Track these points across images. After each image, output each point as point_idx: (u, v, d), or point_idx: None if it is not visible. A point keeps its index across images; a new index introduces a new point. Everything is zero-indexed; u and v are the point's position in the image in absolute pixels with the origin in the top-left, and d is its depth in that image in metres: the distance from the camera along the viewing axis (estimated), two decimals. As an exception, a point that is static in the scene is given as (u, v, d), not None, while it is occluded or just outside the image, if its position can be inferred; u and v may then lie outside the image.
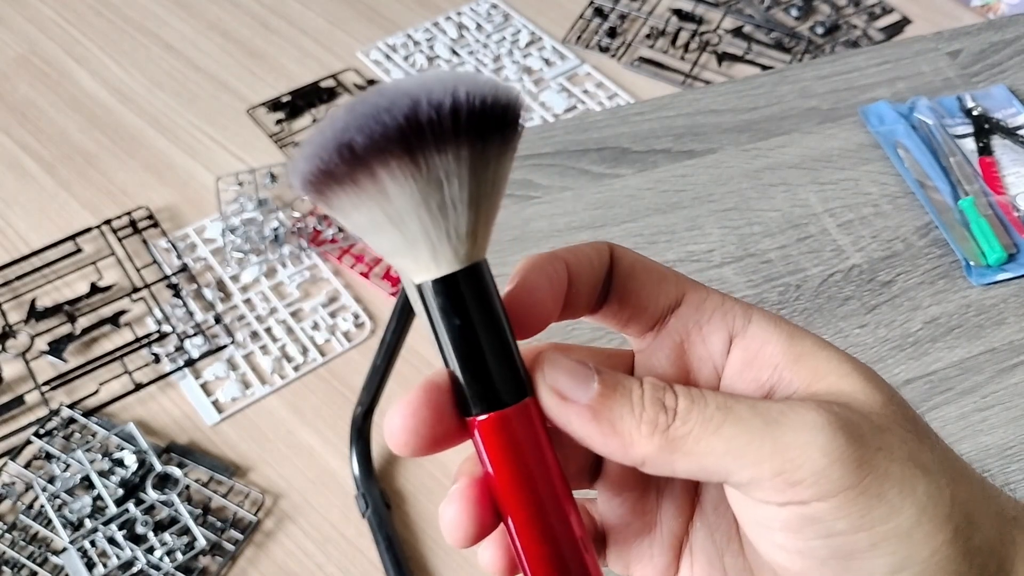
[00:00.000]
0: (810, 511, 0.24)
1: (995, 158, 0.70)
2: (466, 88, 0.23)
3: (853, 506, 0.24)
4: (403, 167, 0.23)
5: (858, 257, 0.64)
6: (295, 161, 0.24)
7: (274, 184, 1.38)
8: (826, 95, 0.74)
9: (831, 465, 0.23)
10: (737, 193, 0.67)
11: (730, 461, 0.24)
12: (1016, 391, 0.58)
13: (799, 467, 0.24)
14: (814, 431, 0.24)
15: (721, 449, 0.24)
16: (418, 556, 1.06)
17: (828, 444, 0.24)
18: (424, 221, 0.23)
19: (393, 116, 0.22)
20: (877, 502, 0.24)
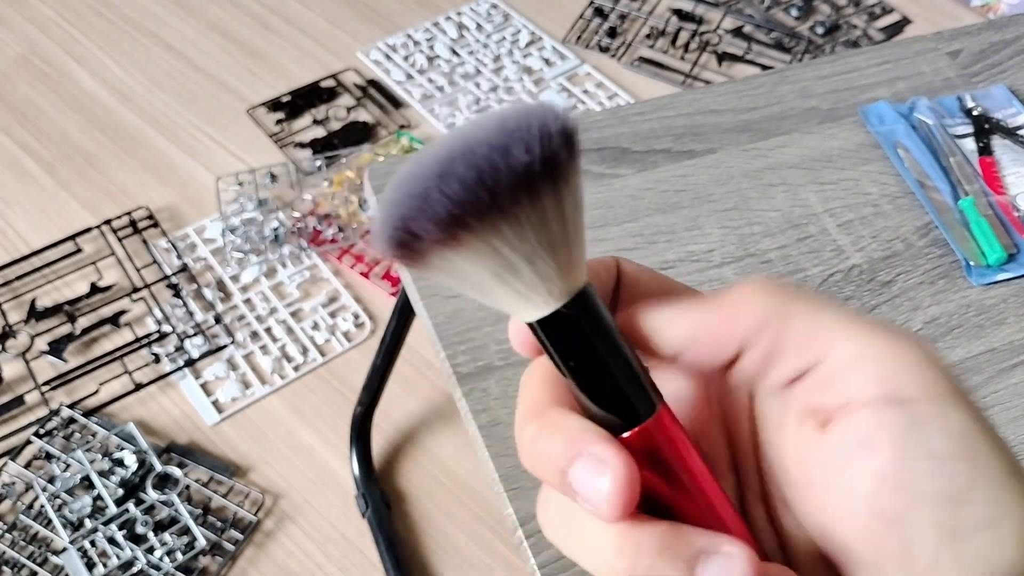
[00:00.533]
0: (912, 412, 0.23)
1: (995, 158, 0.70)
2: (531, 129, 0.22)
3: (952, 417, 0.23)
4: (490, 229, 0.22)
5: (858, 257, 0.64)
6: (379, 223, 0.23)
7: (274, 184, 1.38)
8: (826, 95, 0.74)
9: (929, 364, 0.23)
10: (737, 193, 0.67)
11: (842, 328, 0.24)
12: (1016, 391, 0.58)
13: (906, 352, 0.23)
14: (911, 339, 0.24)
15: (833, 317, 0.24)
16: (418, 556, 1.05)
17: (927, 350, 0.24)
18: (518, 271, 0.23)
19: (474, 179, 0.22)
20: (974, 424, 0.23)
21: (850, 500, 0.23)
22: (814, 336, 0.24)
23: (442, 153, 0.22)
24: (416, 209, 0.22)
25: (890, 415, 0.23)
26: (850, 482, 0.23)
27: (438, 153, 0.23)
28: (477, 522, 1.08)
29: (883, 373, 0.23)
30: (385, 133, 1.48)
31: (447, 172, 0.22)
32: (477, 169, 0.22)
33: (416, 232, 0.22)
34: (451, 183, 0.22)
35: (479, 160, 0.22)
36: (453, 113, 1.50)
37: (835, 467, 0.24)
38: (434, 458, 1.13)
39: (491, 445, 0.54)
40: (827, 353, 0.24)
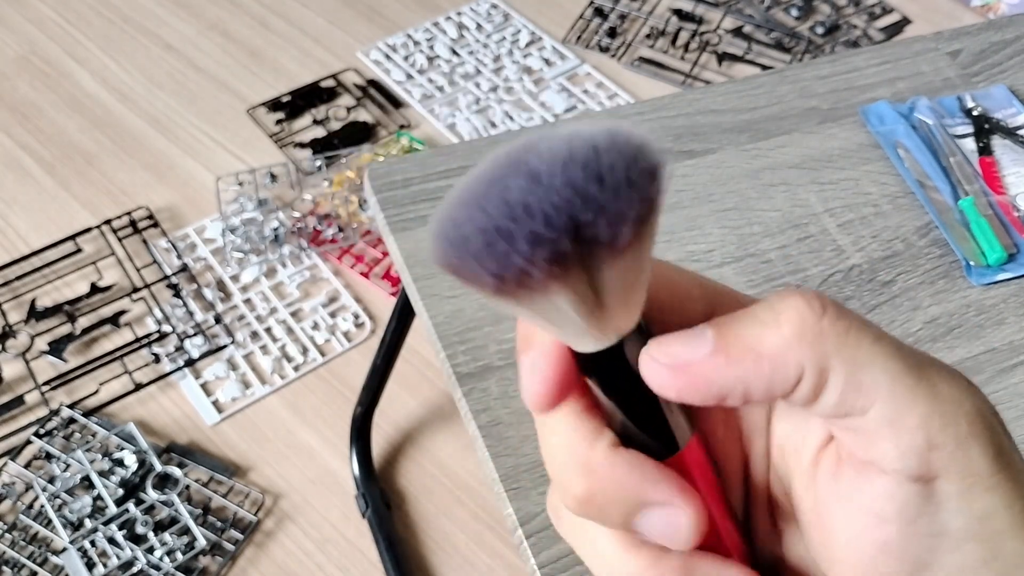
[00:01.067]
0: (931, 491, 0.21)
1: (995, 158, 0.70)
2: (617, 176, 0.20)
3: (978, 500, 0.21)
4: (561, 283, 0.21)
5: (858, 257, 0.64)
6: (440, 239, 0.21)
7: (274, 184, 1.38)
8: (826, 95, 0.74)
9: (972, 439, 0.21)
10: (737, 193, 0.67)
11: (886, 382, 0.21)
12: (1016, 391, 0.58)
13: (947, 426, 0.21)
14: (965, 393, 0.22)
15: (879, 364, 0.21)
16: (418, 556, 1.05)
17: (974, 414, 0.22)
18: (580, 315, 0.22)
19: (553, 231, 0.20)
20: (1004, 509, 0.22)
21: (852, 553, 0.23)
22: (857, 384, 0.22)
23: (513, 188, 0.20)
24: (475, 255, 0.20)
25: (908, 490, 0.22)
26: (855, 539, 0.23)
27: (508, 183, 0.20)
28: (477, 522, 1.08)
29: (915, 447, 0.21)
30: (385, 133, 1.48)
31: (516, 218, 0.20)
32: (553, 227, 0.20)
33: (472, 275, 0.21)
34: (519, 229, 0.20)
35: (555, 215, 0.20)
36: (453, 113, 1.50)
37: (843, 518, 0.23)
38: (434, 458, 1.13)
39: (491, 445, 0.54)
40: (865, 408, 0.22)
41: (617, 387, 0.24)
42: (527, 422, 0.55)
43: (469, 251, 0.20)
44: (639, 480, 0.23)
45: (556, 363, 0.23)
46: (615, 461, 0.23)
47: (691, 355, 0.22)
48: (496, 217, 0.20)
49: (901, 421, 0.22)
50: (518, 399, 0.56)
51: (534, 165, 0.20)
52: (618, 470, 0.23)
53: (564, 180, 0.20)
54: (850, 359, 0.22)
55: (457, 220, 0.21)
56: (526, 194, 0.20)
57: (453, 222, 0.21)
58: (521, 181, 0.20)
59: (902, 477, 0.22)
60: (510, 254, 0.20)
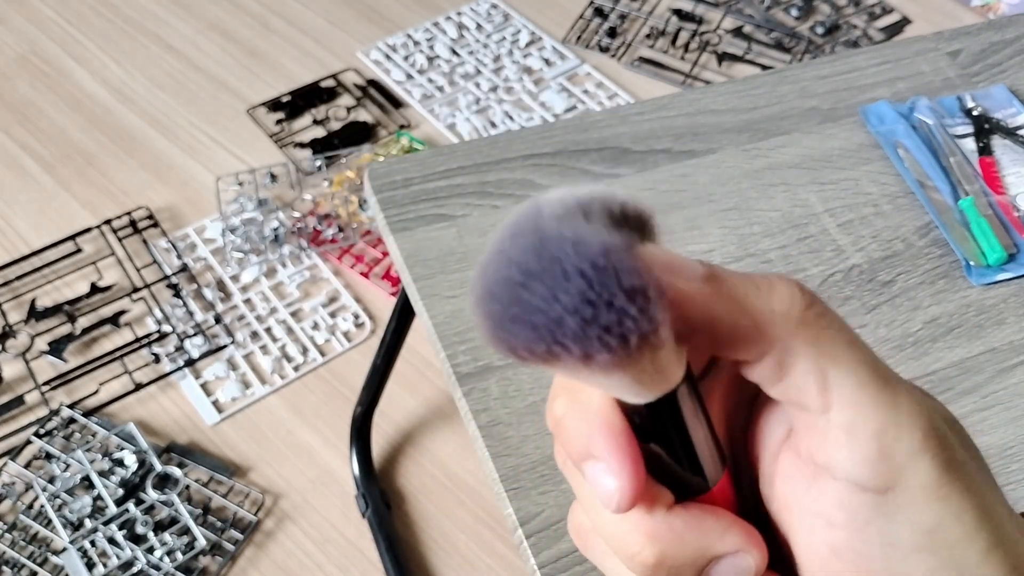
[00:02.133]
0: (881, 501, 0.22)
1: (995, 158, 0.70)
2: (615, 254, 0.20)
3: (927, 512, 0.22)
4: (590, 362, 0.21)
5: (858, 257, 0.64)
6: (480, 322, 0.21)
7: (274, 184, 1.38)
8: (826, 95, 0.74)
9: (923, 452, 0.22)
10: (737, 193, 0.67)
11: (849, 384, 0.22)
12: (1016, 391, 0.58)
13: (900, 437, 0.22)
14: (922, 409, 0.22)
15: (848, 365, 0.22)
16: (418, 556, 1.06)
17: (929, 428, 0.22)
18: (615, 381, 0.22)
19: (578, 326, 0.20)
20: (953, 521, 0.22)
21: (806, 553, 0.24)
22: (823, 379, 0.22)
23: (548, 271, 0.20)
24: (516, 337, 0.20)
25: (857, 500, 0.22)
26: (808, 539, 0.24)
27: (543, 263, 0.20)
28: (477, 522, 1.08)
29: (868, 456, 0.22)
30: (385, 133, 1.48)
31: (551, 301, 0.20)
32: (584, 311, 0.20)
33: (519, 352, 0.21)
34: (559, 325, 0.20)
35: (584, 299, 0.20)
36: (453, 113, 1.50)
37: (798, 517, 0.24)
38: (434, 458, 1.13)
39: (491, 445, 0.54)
40: (827, 407, 0.22)
41: (667, 433, 0.24)
42: (527, 422, 0.55)
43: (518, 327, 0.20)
44: (708, 537, 0.23)
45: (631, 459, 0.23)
46: (678, 524, 0.23)
47: (683, 270, 0.22)
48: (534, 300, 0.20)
49: (858, 428, 0.22)
50: (518, 399, 0.56)
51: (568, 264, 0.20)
52: (684, 532, 0.23)
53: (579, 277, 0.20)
54: (822, 353, 0.22)
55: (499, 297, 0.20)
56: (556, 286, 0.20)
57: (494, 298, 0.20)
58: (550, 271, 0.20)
59: (852, 487, 0.22)
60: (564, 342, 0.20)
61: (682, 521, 0.23)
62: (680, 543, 0.23)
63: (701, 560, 0.24)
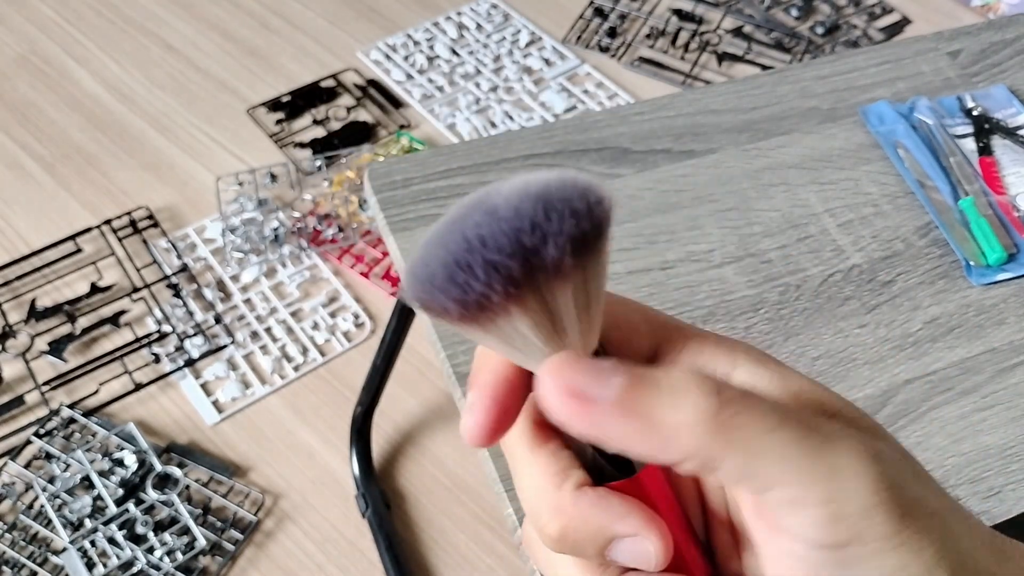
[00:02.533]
0: (841, 556, 0.22)
1: (995, 158, 0.70)
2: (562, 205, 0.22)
3: (887, 560, 0.22)
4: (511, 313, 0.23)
5: (858, 257, 0.64)
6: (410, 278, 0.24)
7: (274, 184, 1.38)
8: (826, 95, 0.74)
9: (875, 508, 0.22)
10: (737, 193, 0.67)
11: (782, 470, 0.22)
12: (1016, 391, 0.58)
13: (848, 500, 0.22)
14: (866, 462, 0.22)
15: (775, 453, 0.22)
16: (418, 556, 1.06)
17: (877, 481, 0.22)
18: (540, 339, 0.24)
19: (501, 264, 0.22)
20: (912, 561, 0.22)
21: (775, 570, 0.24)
22: (753, 472, 0.22)
23: (471, 224, 0.23)
24: (440, 288, 0.23)
25: (816, 556, 0.23)
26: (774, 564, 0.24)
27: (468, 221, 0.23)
28: (477, 522, 1.08)
29: (819, 522, 0.22)
30: (385, 133, 1.48)
31: (472, 249, 0.22)
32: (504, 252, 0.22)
33: (439, 307, 0.23)
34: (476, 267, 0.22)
35: (506, 242, 0.22)
36: (453, 113, 1.50)
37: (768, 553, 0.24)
38: (434, 458, 1.13)
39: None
40: (765, 489, 0.22)
41: None
42: (527, 422, 0.55)
43: (435, 285, 0.23)
44: (607, 516, 0.24)
45: (494, 401, 0.25)
46: (583, 501, 0.25)
47: (594, 392, 0.22)
48: (455, 251, 0.23)
49: (802, 502, 0.22)
50: (518, 399, 0.56)
51: (491, 203, 0.23)
52: (587, 509, 0.24)
53: (515, 214, 0.22)
54: (745, 450, 0.22)
55: (424, 259, 0.23)
56: (482, 228, 0.22)
57: (421, 261, 0.23)
58: (479, 218, 0.23)
59: (810, 546, 0.23)
60: (468, 282, 0.22)
61: (587, 499, 0.24)
62: (582, 519, 0.24)
63: (600, 538, 0.24)
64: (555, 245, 0.22)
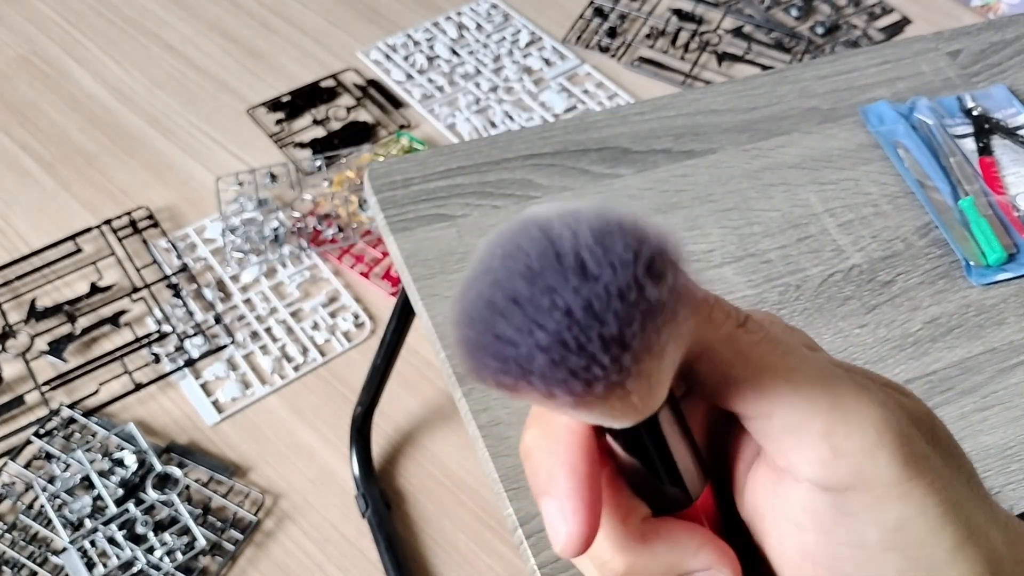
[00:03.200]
0: (843, 501, 0.22)
1: (995, 158, 0.70)
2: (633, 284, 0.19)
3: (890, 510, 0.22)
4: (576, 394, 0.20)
5: (858, 257, 0.64)
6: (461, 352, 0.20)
7: (274, 184, 1.38)
8: (826, 95, 0.74)
9: (878, 448, 0.22)
10: (737, 193, 0.67)
11: (786, 395, 0.22)
12: (1016, 391, 0.58)
13: (849, 435, 0.22)
14: (871, 405, 0.22)
15: (782, 374, 0.22)
16: (418, 556, 1.06)
17: (881, 423, 0.22)
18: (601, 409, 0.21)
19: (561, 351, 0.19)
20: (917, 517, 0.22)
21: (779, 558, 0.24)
22: (758, 388, 0.22)
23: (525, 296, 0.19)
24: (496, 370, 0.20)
25: (821, 501, 0.22)
26: (780, 545, 0.24)
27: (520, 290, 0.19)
28: (477, 522, 1.08)
29: (820, 456, 0.22)
30: (385, 133, 1.48)
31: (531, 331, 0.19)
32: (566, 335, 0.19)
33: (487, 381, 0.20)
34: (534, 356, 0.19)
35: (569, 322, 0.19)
36: (453, 113, 1.50)
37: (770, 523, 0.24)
38: (434, 458, 1.13)
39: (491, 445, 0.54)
40: (770, 414, 0.22)
41: (645, 451, 0.24)
42: (527, 422, 0.55)
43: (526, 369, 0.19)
44: (680, 553, 0.24)
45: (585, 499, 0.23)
46: (652, 537, 0.24)
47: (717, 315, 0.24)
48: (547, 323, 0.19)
49: (802, 429, 0.22)
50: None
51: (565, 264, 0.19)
52: (658, 546, 0.24)
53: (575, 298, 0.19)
54: (755, 365, 0.22)
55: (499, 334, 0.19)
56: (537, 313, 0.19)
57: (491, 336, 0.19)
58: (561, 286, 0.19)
59: (814, 487, 0.22)
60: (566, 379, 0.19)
61: (655, 534, 0.24)
62: (651, 555, 0.24)
63: (671, 574, 0.24)
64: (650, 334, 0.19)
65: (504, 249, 0.20)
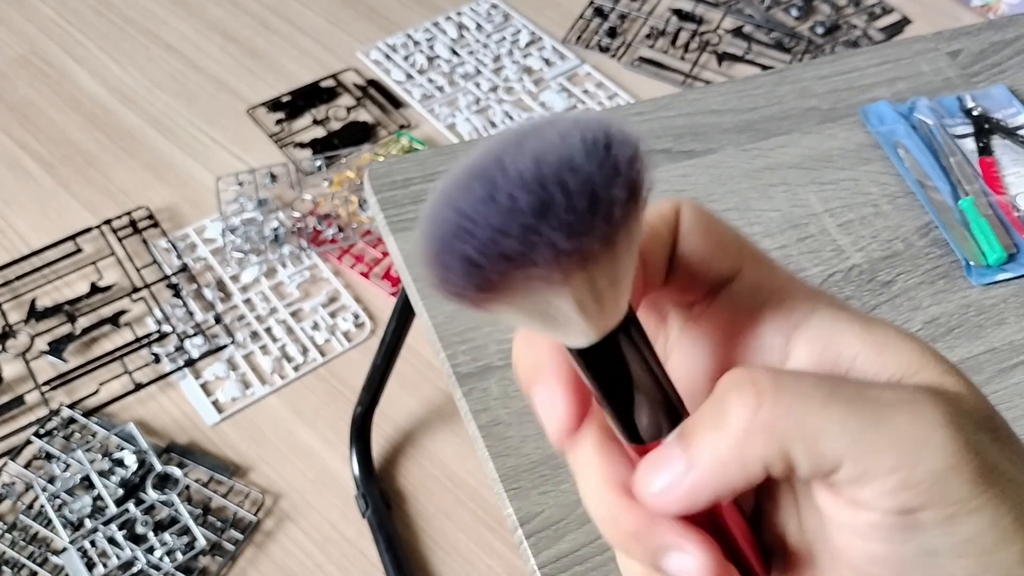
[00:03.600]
0: (915, 520, 0.22)
1: (995, 158, 0.70)
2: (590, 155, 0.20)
3: (962, 525, 0.22)
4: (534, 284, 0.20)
5: (858, 257, 0.64)
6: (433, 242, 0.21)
7: (274, 184, 1.38)
8: (826, 95, 0.74)
9: (949, 471, 0.21)
10: (737, 193, 0.67)
11: (844, 444, 0.21)
12: (1016, 391, 0.58)
13: (917, 465, 0.21)
14: (933, 425, 0.22)
15: (834, 430, 0.21)
16: (418, 556, 1.06)
17: (948, 444, 0.21)
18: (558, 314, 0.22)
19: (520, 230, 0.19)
20: (989, 528, 0.22)
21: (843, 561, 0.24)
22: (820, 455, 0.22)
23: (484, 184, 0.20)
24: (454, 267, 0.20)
25: (892, 521, 0.22)
26: (846, 548, 0.23)
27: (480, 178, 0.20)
28: (477, 522, 1.08)
29: (890, 491, 0.22)
30: (385, 133, 1.48)
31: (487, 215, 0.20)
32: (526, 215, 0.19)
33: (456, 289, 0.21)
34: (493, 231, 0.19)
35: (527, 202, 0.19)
36: (453, 113, 1.50)
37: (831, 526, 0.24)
38: (434, 458, 1.13)
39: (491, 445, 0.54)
40: (836, 468, 0.22)
41: (611, 376, 0.24)
42: (527, 422, 0.55)
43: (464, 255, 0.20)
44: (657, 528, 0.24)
45: (571, 391, 0.24)
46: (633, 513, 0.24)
47: (672, 479, 0.23)
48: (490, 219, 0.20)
49: (871, 474, 0.22)
50: (518, 399, 0.56)
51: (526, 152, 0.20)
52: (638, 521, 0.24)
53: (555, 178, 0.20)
54: (804, 435, 0.22)
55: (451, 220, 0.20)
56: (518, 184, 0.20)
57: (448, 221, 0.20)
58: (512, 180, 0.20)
59: (883, 513, 0.22)
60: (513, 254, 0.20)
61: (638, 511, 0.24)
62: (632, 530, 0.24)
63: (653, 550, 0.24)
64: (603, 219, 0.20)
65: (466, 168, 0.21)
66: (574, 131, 0.20)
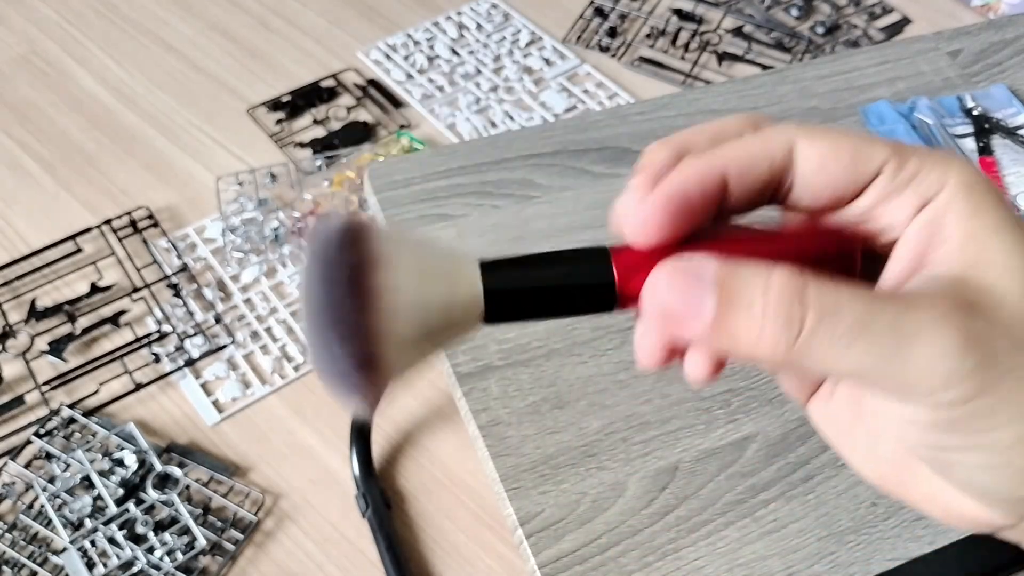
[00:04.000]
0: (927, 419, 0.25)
1: (995, 158, 0.70)
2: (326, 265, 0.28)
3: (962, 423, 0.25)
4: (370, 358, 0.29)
5: (858, 257, 0.64)
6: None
7: (274, 184, 1.38)
8: (826, 95, 0.74)
9: (949, 385, 0.24)
10: (737, 193, 0.67)
11: (859, 377, 0.25)
12: (1016, 391, 0.58)
13: (919, 382, 0.25)
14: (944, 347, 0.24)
15: (851, 365, 0.25)
16: (418, 556, 1.06)
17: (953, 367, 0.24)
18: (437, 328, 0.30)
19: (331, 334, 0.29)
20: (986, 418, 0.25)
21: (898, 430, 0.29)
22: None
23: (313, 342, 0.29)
24: (342, 392, 0.30)
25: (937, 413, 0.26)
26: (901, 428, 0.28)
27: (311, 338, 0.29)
28: (477, 522, 1.08)
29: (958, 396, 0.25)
30: (385, 133, 1.48)
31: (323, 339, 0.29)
32: (333, 352, 0.29)
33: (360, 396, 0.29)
34: (331, 370, 0.29)
35: (328, 346, 0.29)
36: (453, 113, 1.50)
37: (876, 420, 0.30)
38: (434, 458, 1.13)
39: (491, 445, 0.54)
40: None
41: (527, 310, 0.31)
42: (527, 422, 0.55)
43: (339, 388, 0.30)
44: None
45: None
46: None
47: (686, 316, 0.28)
48: (324, 363, 0.30)
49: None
50: (518, 399, 0.56)
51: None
52: None
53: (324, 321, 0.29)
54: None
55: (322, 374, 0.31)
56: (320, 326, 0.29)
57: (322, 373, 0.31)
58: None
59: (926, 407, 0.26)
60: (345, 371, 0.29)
61: None
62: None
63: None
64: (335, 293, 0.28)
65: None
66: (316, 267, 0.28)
